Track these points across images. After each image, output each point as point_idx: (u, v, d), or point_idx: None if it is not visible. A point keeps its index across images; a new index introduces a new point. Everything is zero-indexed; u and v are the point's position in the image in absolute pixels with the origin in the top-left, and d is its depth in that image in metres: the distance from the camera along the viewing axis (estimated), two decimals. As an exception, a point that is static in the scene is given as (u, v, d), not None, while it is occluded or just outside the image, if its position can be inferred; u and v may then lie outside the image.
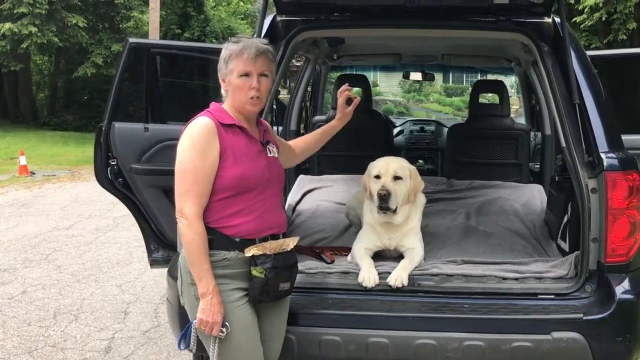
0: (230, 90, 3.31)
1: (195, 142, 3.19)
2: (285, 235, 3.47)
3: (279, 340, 3.53)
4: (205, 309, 3.17)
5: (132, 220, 5.92)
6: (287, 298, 3.51)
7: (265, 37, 4.18)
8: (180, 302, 3.43)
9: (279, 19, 4.44)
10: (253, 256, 3.23)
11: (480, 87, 7.15)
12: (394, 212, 4.16)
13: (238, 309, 3.25)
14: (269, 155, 3.41)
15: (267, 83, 3.32)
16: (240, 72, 3.25)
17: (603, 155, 3.67)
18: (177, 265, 3.46)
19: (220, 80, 3.35)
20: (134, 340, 5.87)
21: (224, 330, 3.19)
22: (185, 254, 3.24)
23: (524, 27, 4.26)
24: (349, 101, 4.08)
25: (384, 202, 4.09)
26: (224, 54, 3.30)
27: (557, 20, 4.28)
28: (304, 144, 4.00)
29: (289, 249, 3.37)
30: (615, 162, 3.65)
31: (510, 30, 4.35)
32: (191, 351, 3.37)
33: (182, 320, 3.64)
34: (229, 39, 3.36)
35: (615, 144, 3.79)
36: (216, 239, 3.23)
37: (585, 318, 3.59)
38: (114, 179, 5.44)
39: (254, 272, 3.23)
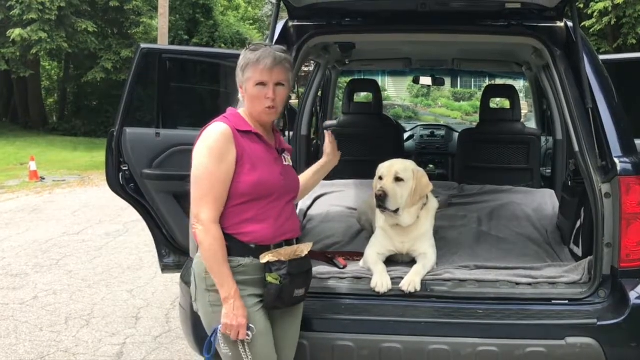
0: (247, 98, 3.31)
1: (212, 147, 3.18)
2: (298, 241, 3.47)
3: (291, 347, 3.51)
4: (228, 313, 3.15)
5: (142, 225, 5.93)
6: (301, 305, 3.50)
7: (277, 42, 4.18)
8: (194, 308, 3.43)
9: (290, 24, 4.44)
10: (268, 262, 3.22)
11: (491, 92, 7.14)
12: (395, 212, 4.16)
13: (253, 315, 3.23)
14: (285, 163, 3.41)
15: (283, 92, 3.30)
16: (256, 81, 3.24)
17: (616, 160, 3.66)
18: (190, 270, 3.45)
19: (238, 86, 3.34)
20: (146, 345, 5.87)
21: (249, 333, 3.18)
22: (203, 259, 3.22)
23: (536, 31, 4.25)
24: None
25: (381, 202, 4.11)
26: (240, 61, 3.29)
27: (569, 24, 4.27)
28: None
29: (303, 255, 3.36)
30: (629, 166, 3.63)
31: (522, 34, 4.33)
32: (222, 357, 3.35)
33: (195, 325, 3.65)
34: (247, 45, 3.35)
35: (628, 148, 3.77)
36: (231, 245, 3.22)
37: (599, 323, 3.57)
38: (125, 184, 5.45)
39: (269, 278, 3.21)
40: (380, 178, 4.23)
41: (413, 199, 4.18)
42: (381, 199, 4.10)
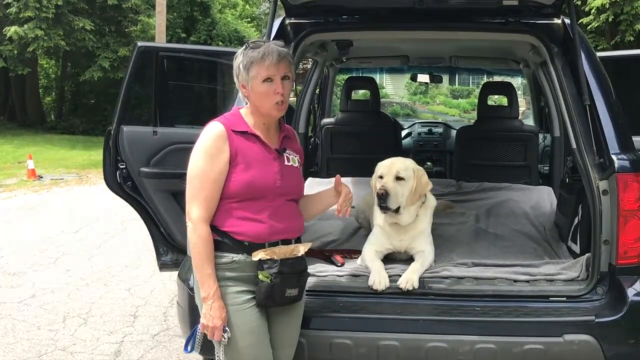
0: (253, 96, 3.27)
1: (205, 147, 3.21)
2: (298, 240, 3.46)
3: (289, 346, 3.51)
4: (206, 313, 3.19)
5: (140, 223, 5.93)
6: (299, 304, 3.49)
7: (274, 39, 4.17)
8: (195, 301, 3.44)
9: (287, 21, 4.44)
10: (260, 260, 3.23)
11: (489, 89, 7.14)
12: (396, 211, 4.14)
13: (244, 312, 3.25)
14: (286, 163, 3.38)
15: (288, 85, 3.30)
16: (263, 77, 3.22)
17: (614, 157, 3.65)
18: (191, 267, 3.47)
19: (240, 86, 3.31)
20: (143, 344, 5.87)
21: (225, 335, 3.19)
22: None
23: (533, 28, 4.25)
24: None
25: (382, 201, 4.08)
26: (242, 60, 3.26)
27: (567, 20, 4.27)
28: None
29: (299, 255, 3.35)
30: (627, 163, 3.63)
31: (519, 31, 4.33)
32: (201, 354, 3.37)
33: (193, 323, 3.65)
34: (247, 43, 3.31)
35: (626, 145, 3.77)
36: (225, 242, 3.24)
37: (597, 320, 3.58)
38: (122, 182, 5.46)
39: (260, 276, 3.22)
40: (381, 177, 4.20)
41: (413, 198, 4.17)
42: (383, 198, 4.07)
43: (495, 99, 8.92)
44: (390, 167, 4.19)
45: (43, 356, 5.63)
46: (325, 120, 7.42)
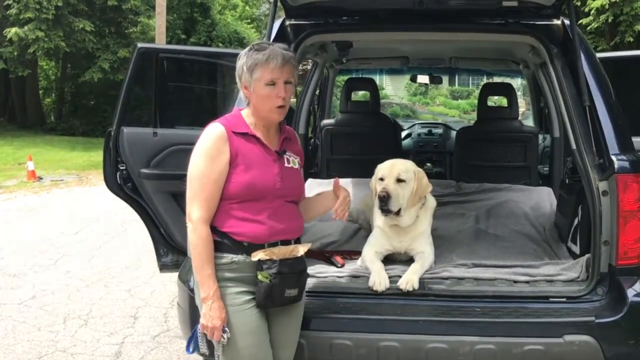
0: (255, 98, 3.28)
1: (205, 148, 3.22)
2: (298, 240, 3.46)
3: (290, 347, 3.51)
4: (205, 314, 3.19)
5: (140, 224, 5.93)
6: (299, 305, 3.50)
7: (274, 41, 4.17)
8: (195, 302, 3.44)
9: (287, 22, 4.44)
10: (259, 260, 3.23)
11: (489, 90, 7.14)
12: (397, 213, 4.14)
13: (244, 312, 3.25)
14: (286, 165, 3.38)
15: (290, 90, 3.30)
16: (266, 80, 3.22)
17: (613, 157, 3.66)
18: (191, 268, 3.48)
19: (242, 87, 3.31)
20: (144, 345, 5.87)
21: (224, 335, 3.20)
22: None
23: (532, 29, 4.26)
24: None
25: (384, 203, 4.08)
26: (246, 61, 3.25)
27: (566, 21, 4.27)
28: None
29: (299, 255, 3.36)
30: (626, 164, 3.63)
31: (519, 32, 4.33)
32: (202, 354, 3.37)
33: (193, 324, 3.65)
34: (252, 45, 3.31)
35: (625, 146, 3.77)
36: (225, 242, 3.25)
37: (597, 321, 3.58)
38: (122, 183, 5.47)
39: (260, 277, 3.23)
40: (381, 179, 4.19)
41: (413, 200, 4.17)
42: (384, 201, 4.07)
43: (495, 100, 8.91)
44: (391, 170, 4.18)
45: (43, 357, 5.63)
46: (325, 121, 7.42)
